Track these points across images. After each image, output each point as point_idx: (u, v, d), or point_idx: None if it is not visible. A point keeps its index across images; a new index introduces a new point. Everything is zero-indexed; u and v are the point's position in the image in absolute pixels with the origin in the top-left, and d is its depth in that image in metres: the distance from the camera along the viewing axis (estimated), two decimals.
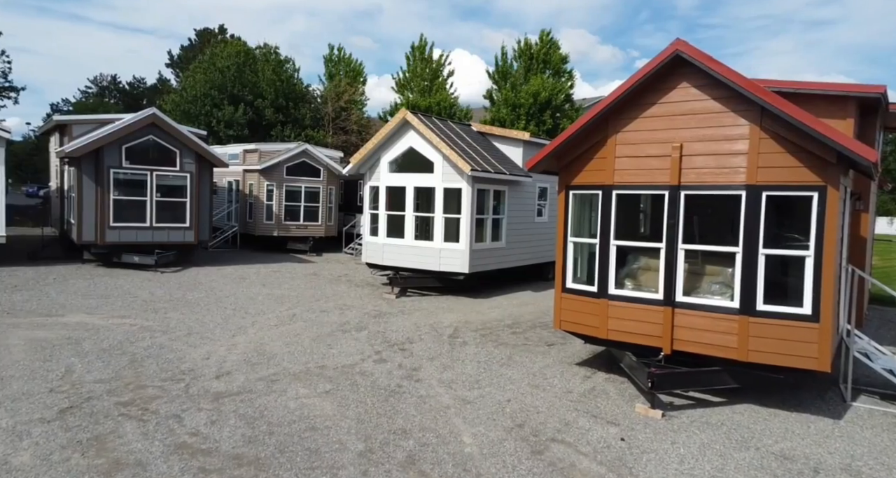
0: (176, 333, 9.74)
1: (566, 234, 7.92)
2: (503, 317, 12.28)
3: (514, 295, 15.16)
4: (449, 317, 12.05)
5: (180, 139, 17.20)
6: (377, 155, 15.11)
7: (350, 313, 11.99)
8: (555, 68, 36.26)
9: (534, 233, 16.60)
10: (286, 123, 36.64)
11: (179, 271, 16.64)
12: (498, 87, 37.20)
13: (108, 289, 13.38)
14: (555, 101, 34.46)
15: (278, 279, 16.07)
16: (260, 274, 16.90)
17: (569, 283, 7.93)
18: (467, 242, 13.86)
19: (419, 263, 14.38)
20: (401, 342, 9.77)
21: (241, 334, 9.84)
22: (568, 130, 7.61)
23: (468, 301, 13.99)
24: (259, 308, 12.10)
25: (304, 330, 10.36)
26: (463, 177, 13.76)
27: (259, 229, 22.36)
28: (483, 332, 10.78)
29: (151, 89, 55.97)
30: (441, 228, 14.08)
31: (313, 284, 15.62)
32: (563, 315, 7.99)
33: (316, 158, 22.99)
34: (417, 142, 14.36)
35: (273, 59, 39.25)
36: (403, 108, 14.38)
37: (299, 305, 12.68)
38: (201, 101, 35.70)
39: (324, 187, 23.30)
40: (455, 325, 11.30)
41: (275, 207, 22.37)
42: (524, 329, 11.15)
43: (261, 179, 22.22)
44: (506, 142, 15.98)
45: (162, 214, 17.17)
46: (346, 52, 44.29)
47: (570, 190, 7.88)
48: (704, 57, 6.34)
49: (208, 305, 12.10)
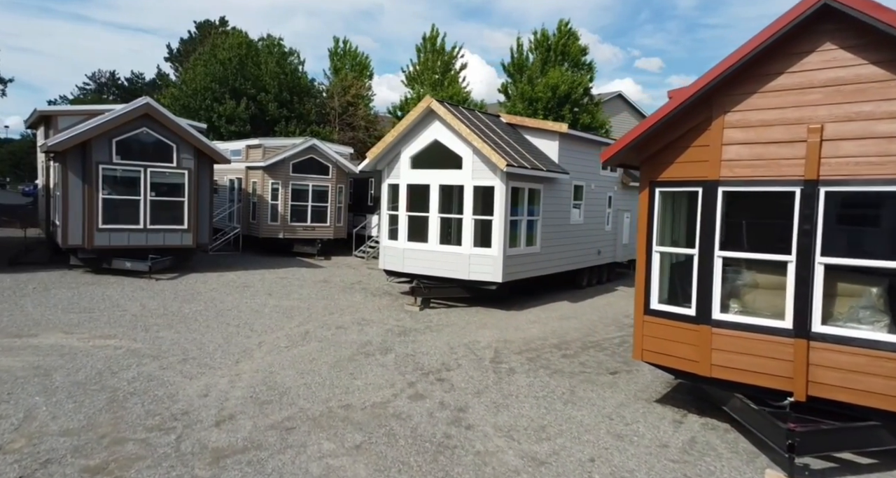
0: (169, 358, 8.24)
1: (650, 241, 6.39)
2: (546, 334, 10.76)
3: (550, 306, 13.63)
4: (484, 334, 10.53)
5: (177, 132, 15.72)
6: (397, 149, 13.60)
7: (371, 330, 10.49)
8: (574, 60, 34.67)
9: (569, 236, 15.07)
10: (290, 118, 35.18)
11: (176, 278, 15.16)
12: (513, 81, 35.64)
13: (94, 300, 11.90)
14: (574, 94, 32.89)
15: (286, 288, 14.57)
16: (265, 281, 15.41)
17: (654, 303, 6.40)
18: (500, 248, 12.34)
19: (445, 271, 12.87)
20: (436, 369, 8.26)
21: (246, 360, 8.34)
22: (655, 113, 6.09)
23: (501, 314, 12.48)
24: (266, 324, 10.60)
25: (321, 353, 8.86)
26: (496, 173, 12.23)
27: (263, 231, 20.89)
28: (529, 355, 9.26)
29: (150, 84, 54.54)
30: (470, 232, 12.56)
31: (325, 293, 14.12)
32: (646, 343, 6.46)
33: (325, 155, 21.50)
34: (444, 134, 12.85)
35: (277, 51, 37.80)
36: (428, 96, 12.91)
37: (311, 319, 11.18)
38: (201, 95, 34.27)
39: (333, 186, 21.80)
40: (494, 345, 9.79)
41: (280, 206, 20.89)
42: (575, 351, 9.62)
43: (265, 176, 20.73)
44: (539, 134, 14.45)
45: (157, 215, 15.69)
46: (351, 46, 42.82)
47: (655, 187, 6.35)
48: (870, 5, 4.80)
49: (208, 321, 10.61)
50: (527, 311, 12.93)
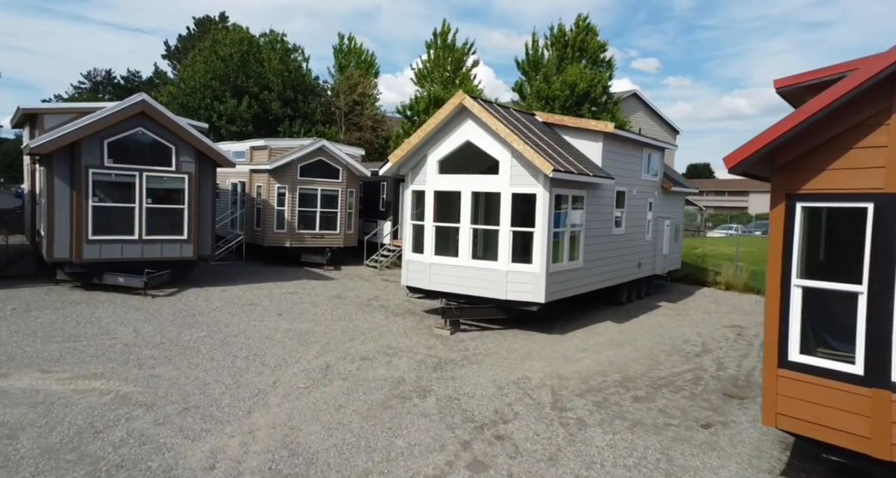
0: (166, 407, 6.81)
1: (787, 272, 4.97)
2: (604, 367, 9.33)
3: (594, 328, 12.20)
4: (533, 368, 9.11)
5: (177, 133, 14.31)
6: (422, 152, 12.18)
7: (401, 362, 9.06)
8: (592, 57, 33.28)
9: (612, 248, 13.65)
10: (295, 117, 33.81)
11: (175, 295, 13.74)
12: (528, 79, 34.24)
13: (81, 325, 10.47)
14: (593, 93, 31.50)
15: (297, 305, 13.14)
16: (273, 297, 13.98)
17: (794, 354, 4.97)
18: (543, 263, 10.92)
19: (478, 289, 11.45)
20: (490, 421, 6.83)
21: (259, 408, 6.91)
22: (807, 106, 4.67)
23: (543, 339, 11.05)
24: (279, 355, 9.18)
25: (348, 397, 7.43)
26: (539, 179, 10.82)
27: (269, 239, 19.47)
28: (593, 397, 7.83)
29: (147, 83, 53.09)
30: (508, 245, 11.14)
31: (341, 312, 12.70)
32: (782, 406, 5.03)
33: (335, 157, 20.08)
34: (477, 135, 11.43)
35: (280, 47, 36.41)
36: (460, 92, 11.52)
37: (331, 347, 9.76)
38: (201, 94, 32.89)
39: (343, 190, 20.38)
40: (548, 383, 8.36)
41: (287, 212, 19.47)
42: (647, 392, 8.19)
43: (271, 180, 19.31)
44: (581, 135, 13.04)
45: (154, 225, 14.27)
46: (356, 43, 41.41)
47: (797, 201, 4.93)
48: None
49: (212, 352, 9.19)
50: (570, 334, 11.51)
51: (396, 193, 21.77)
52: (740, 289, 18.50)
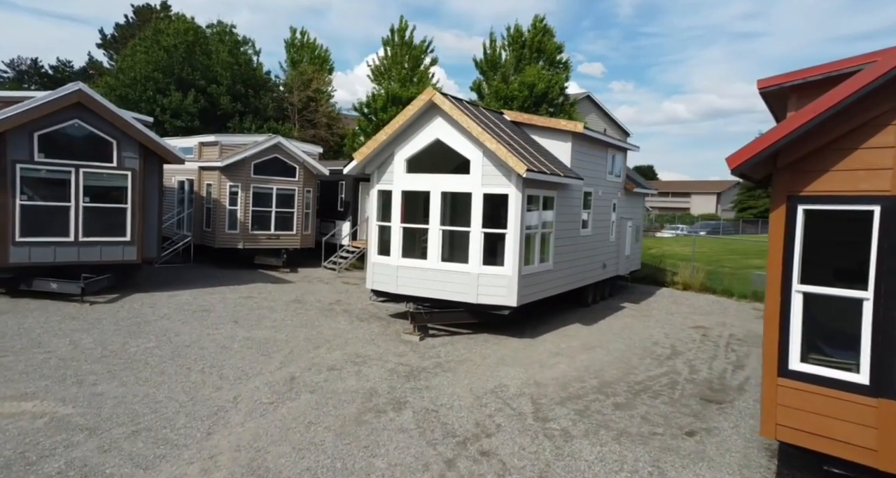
0: (112, 431, 6.12)
1: (788, 277, 4.82)
2: (580, 373, 9.12)
3: (564, 331, 12.03)
4: (509, 375, 8.80)
5: (119, 126, 13.30)
6: (389, 150, 11.70)
7: (371, 372, 8.58)
8: (549, 58, 33.49)
9: (579, 249, 13.54)
10: (245, 113, 32.54)
11: (117, 302, 12.75)
12: (486, 78, 34.15)
13: (7, 337, 9.49)
14: (551, 93, 31.69)
15: (253, 311, 12.41)
16: (227, 302, 13.18)
17: (794, 362, 4.82)
18: (515, 266, 10.64)
19: (448, 293, 11.07)
20: (473, 435, 6.46)
21: (220, 429, 6.31)
22: (809, 108, 4.52)
23: (515, 343, 10.78)
24: (238, 366, 8.53)
25: (318, 412, 6.91)
26: (511, 179, 10.53)
27: (220, 240, 18.49)
28: (574, 405, 7.58)
29: (80, 73, 49.94)
30: (479, 247, 10.81)
31: (302, 317, 12.07)
32: (782, 417, 4.87)
33: (291, 154, 19.28)
34: (447, 133, 11.05)
35: (229, 39, 34.97)
36: (430, 88, 11.10)
37: (294, 357, 9.17)
38: (142, 86, 31.16)
39: (300, 189, 19.60)
40: (526, 391, 8.07)
41: (240, 212, 18.54)
42: (627, 398, 8.01)
43: (222, 178, 18.35)
44: (549, 134, 12.85)
45: (92, 225, 13.21)
46: (310, 37, 40.27)
47: (798, 203, 4.78)
48: None
49: (162, 365, 8.44)
50: (542, 338, 11.29)
51: (356, 192, 21.15)
52: (697, 289, 18.84)
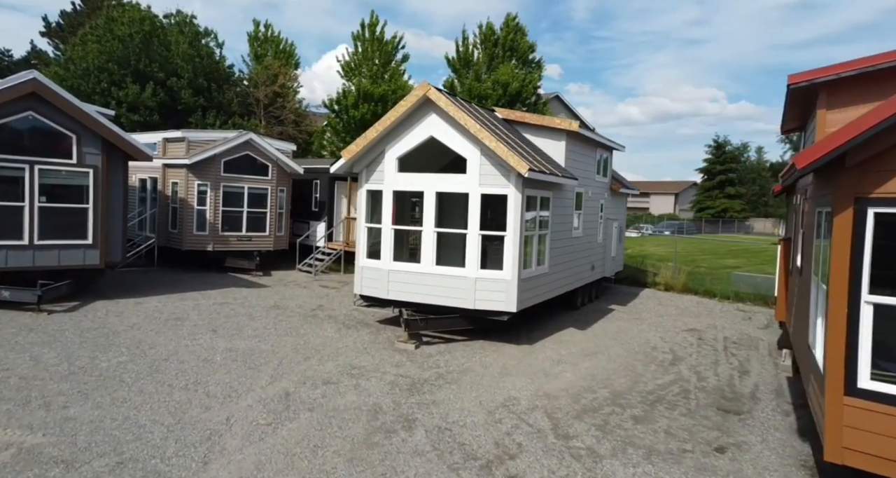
0: (92, 463, 5.40)
1: (857, 288, 4.53)
2: (588, 382, 8.77)
3: (560, 337, 11.69)
4: (515, 386, 8.38)
5: (79, 119, 12.29)
6: (380, 148, 11.12)
7: (370, 386, 8.02)
8: (522, 57, 33.33)
9: (571, 252, 13.25)
10: (208, 108, 31.26)
11: (78, 310, 11.77)
12: (458, 77, 33.73)
13: None
14: (525, 93, 31.54)
15: (231, 319, 11.63)
16: (202, 310, 12.35)
17: (864, 380, 4.53)
18: (514, 269, 10.24)
19: (443, 298, 10.58)
20: (495, 458, 6.00)
21: (217, 457, 5.66)
22: (891, 101, 4.22)
23: (513, 350, 10.37)
24: (225, 382, 7.83)
25: (322, 434, 6.32)
26: (510, 179, 10.11)
27: (188, 242, 17.48)
28: (592, 420, 7.21)
29: (22, 63, 47.07)
30: (477, 250, 10.35)
31: (285, 325, 11.37)
32: (849, 439, 4.58)
33: (263, 151, 18.41)
34: (442, 130, 10.56)
35: (189, 30, 33.52)
36: (425, 83, 10.57)
37: (284, 370, 8.52)
38: (95, 77, 29.51)
39: (273, 188, 18.75)
40: (538, 404, 7.65)
41: (209, 213, 17.57)
42: (644, 411, 7.69)
43: (190, 176, 17.34)
44: (543, 133, 12.50)
45: (50, 227, 12.18)
46: (274, 30, 39.02)
47: (869, 206, 4.49)
48: None
49: (140, 382, 7.67)
50: (539, 344, 10.92)
51: (332, 192, 20.42)
52: (679, 290, 18.86)
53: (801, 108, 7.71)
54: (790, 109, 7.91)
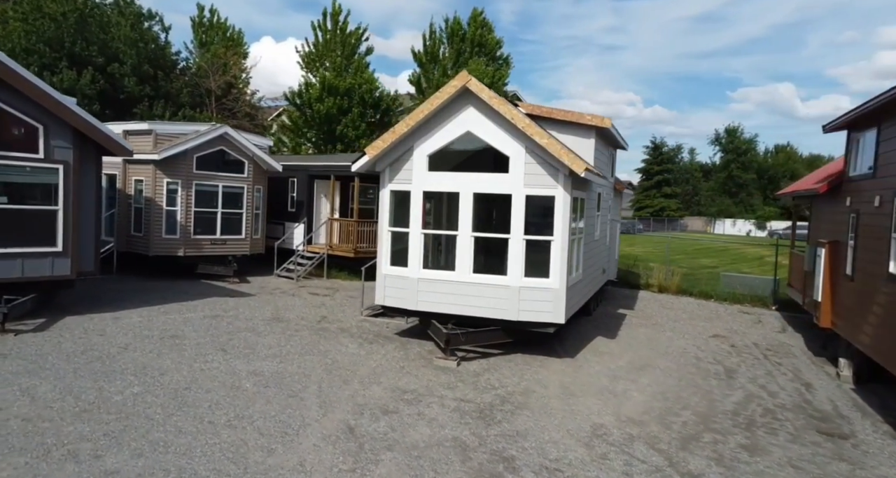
0: None
1: None
2: (662, 402, 8.29)
3: (594, 347, 11.24)
4: (591, 409, 7.80)
5: (47, 106, 10.74)
6: (407, 144, 10.28)
7: (436, 414, 7.23)
8: (490, 54, 32.91)
9: (593, 255, 12.85)
10: (155, 98, 29.00)
11: (48, 329, 10.26)
12: (424, 71, 32.94)
13: None
14: (495, 89, 31.16)
15: (235, 335, 10.46)
16: (195, 325, 11.08)
17: None
18: (562, 277, 9.67)
19: (482, 309, 9.88)
20: None
21: None
22: None
23: (558, 365, 9.81)
24: (272, 415, 6.84)
25: None
26: (559, 179, 9.54)
27: (156, 247, 15.88)
28: (702, 451, 6.69)
29: None
30: (521, 256, 9.72)
31: (298, 341, 10.33)
32: None
33: (239, 147, 17.04)
34: (481, 124, 9.84)
35: (130, 12, 31.01)
36: (464, 72, 9.79)
37: (329, 397, 7.58)
38: (22, 60, 26.62)
39: (250, 187, 17.39)
40: (630, 431, 7.08)
41: (180, 214, 16.05)
42: (744, 436, 7.27)
43: (158, 174, 15.76)
44: (570, 129, 11.98)
45: (11, 232, 10.58)
46: (220, 16, 36.81)
47: None
48: None
49: (172, 418, 6.55)
50: (581, 357, 10.41)
51: (311, 190, 19.23)
52: (674, 292, 18.94)
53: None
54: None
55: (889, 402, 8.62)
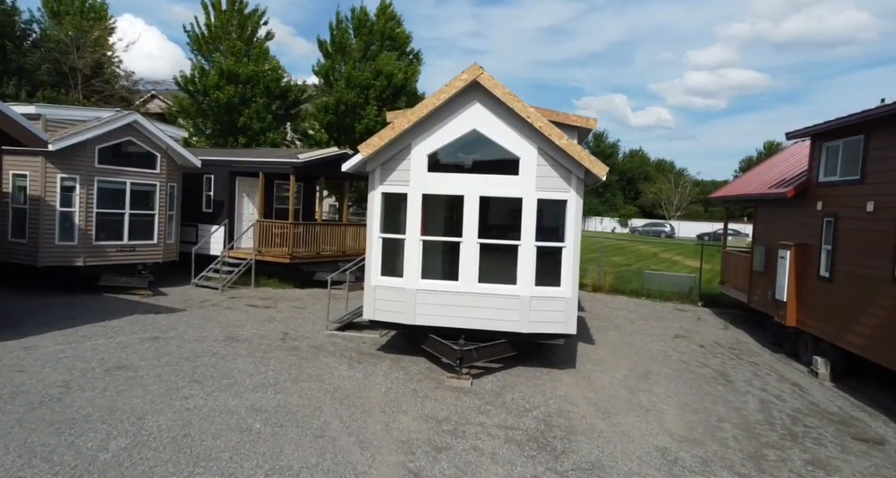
0: None
1: None
2: (698, 416, 8.23)
3: (586, 354, 11.11)
4: (637, 428, 7.55)
5: None
6: (404, 142, 9.41)
7: (492, 447, 6.59)
8: (400, 47, 32.16)
9: None
10: (6, 74, 24.75)
11: None
12: (332, 62, 31.35)
13: None
14: (408, 85, 30.57)
15: (192, 361, 8.94)
16: (138, 351, 9.35)
17: None
18: (573, 285, 9.40)
19: (489, 322, 9.32)
20: None
21: None
22: None
23: (567, 377, 9.53)
24: (312, 463, 5.81)
25: None
26: (571, 182, 9.24)
27: (47, 256, 13.30)
28: (781, 473, 6.66)
29: None
30: (531, 264, 9.29)
31: (277, 365, 9.08)
32: None
33: (151, 137, 14.83)
34: (488, 122, 9.26)
35: None
36: (475, 65, 9.06)
37: (362, 434, 6.64)
38: None
39: (163, 184, 15.23)
40: (699, 454, 6.84)
41: (79, 216, 13.60)
42: (801, 449, 7.40)
43: (49, 168, 13.21)
44: None
45: None
46: None
47: None
48: None
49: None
50: (582, 367, 10.21)
51: (232, 189, 17.35)
52: (607, 291, 19.63)
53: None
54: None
55: (881, 400, 9.30)
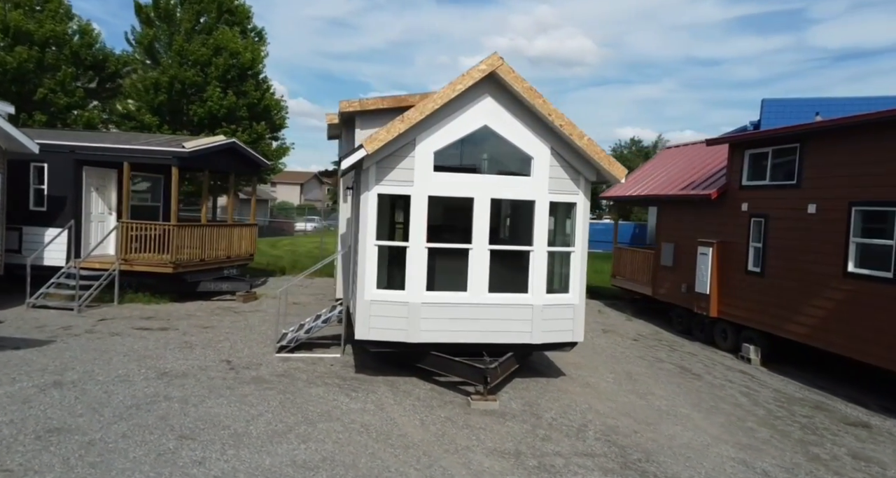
0: None
1: None
2: (717, 415, 8.44)
3: (561, 360, 10.92)
4: (690, 438, 7.61)
5: None
6: (407, 138, 8.34)
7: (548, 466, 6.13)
8: (241, 24, 29.12)
9: None
10: None
11: None
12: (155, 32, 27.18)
13: None
14: (256, 67, 27.89)
15: (152, 408, 6.94)
16: (56, 405, 6.97)
17: None
18: (581, 292, 9.26)
19: (499, 334, 8.72)
20: None
21: None
22: None
23: (570, 386, 9.35)
24: None
25: None
26: (579, 185, 9.04)
27: None
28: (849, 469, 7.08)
29: None
30: (543, 271, 8.89)
31: (260, 405, 7.48)
32: None
33: None
34: (501, 118, 8.62)
35: None
36: (495, 55, 8.19)
37: None
38: None
39: None
40: (772, 463, 7.07)
41: None
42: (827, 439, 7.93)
43: None
44: None
45: None
46: None
47: None
48: None
49: None
50: (571, 373, 10.05)
51: (77, 182, 14.01)
52: None
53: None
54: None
55: (818, 382, 10.65)
